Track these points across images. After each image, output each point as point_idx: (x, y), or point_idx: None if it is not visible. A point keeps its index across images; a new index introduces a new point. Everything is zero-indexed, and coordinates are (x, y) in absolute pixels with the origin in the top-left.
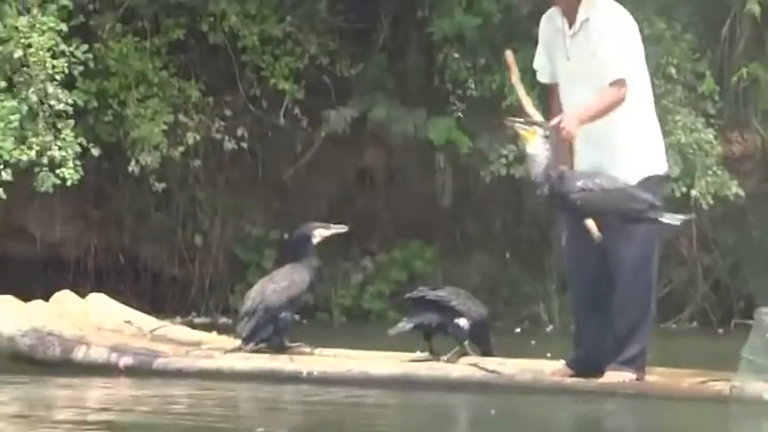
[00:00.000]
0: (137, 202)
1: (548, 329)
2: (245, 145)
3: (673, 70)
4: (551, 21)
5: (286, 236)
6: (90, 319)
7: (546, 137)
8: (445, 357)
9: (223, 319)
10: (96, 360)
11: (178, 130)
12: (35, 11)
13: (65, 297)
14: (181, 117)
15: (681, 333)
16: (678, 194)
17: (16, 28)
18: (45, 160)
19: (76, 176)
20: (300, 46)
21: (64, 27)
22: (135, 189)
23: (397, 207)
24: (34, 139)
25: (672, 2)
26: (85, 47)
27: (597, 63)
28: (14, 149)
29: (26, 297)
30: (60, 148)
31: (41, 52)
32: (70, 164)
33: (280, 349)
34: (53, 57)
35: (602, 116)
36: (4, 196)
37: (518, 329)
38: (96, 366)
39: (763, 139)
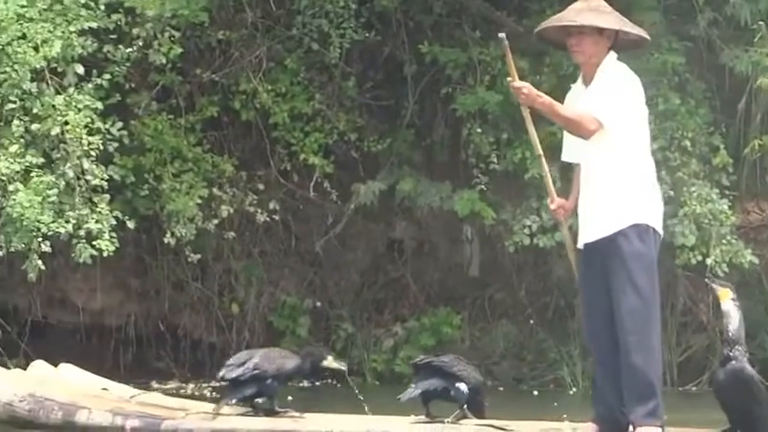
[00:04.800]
0: (174, 273)
1: (571, 392)
2: (277, 217)
3: (687, 143)
4: (575, 88)
5: (318, 303)
6: (70, 386)
7: (734, 299)
8: (449, 420)
9: None
10: (101, 423)
11: (212, 203)
12: (71, 90)
13: (39, 366)
14: (215, 191)
15: (700, 395)
16: (694, 262)
17: (53, 106)
18: (82, 233)
19: (112, 248)
20: (329, 122)
21: (99, 105)
22: (172, 260)
23: (426, 276)
24: (71, 213)
25: (687, 79)
26: (120, 124)
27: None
28: (52, 222)
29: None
30: (96, 221)
31: (78, 129)
32: (106, 236)
33: (269, 413)
34: (89, 133)
35: (562, 121)
36: (42, 267)
37: (535, 392)
38: (99, 430)
39: None
